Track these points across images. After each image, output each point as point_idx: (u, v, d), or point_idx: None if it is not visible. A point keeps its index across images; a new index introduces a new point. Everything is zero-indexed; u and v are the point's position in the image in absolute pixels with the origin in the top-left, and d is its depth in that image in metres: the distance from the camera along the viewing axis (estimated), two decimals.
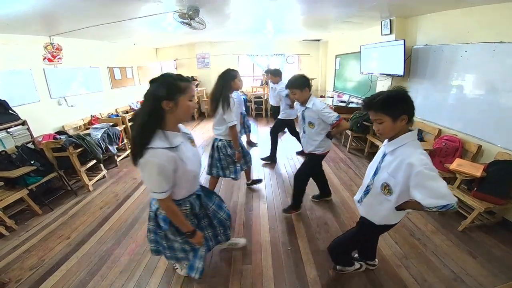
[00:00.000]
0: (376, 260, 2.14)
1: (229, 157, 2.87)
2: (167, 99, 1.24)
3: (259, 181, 3.73)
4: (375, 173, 1.48)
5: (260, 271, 2.16)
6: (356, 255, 2.17)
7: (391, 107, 1.29)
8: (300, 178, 2.82)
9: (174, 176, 1.33)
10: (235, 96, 2.81)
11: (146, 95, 1.27)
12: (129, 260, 2.31)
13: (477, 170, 2.55)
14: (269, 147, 4.52)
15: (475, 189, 2.55)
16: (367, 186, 1.54)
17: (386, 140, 1.45)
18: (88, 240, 2.60)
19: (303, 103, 2.55)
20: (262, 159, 4.54)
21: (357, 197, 1.68)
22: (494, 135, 2.78)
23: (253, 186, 3.60)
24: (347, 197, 3.27)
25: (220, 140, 2.84)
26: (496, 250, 2.33)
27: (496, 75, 2.74)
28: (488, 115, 2.84)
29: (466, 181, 2.71)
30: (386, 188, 1.39)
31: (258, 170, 4.18)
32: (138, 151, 1.24)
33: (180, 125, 1.47)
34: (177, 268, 2.15)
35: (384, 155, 1.44)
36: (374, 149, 4.41)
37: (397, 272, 2.10)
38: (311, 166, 2.84)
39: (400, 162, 1.29)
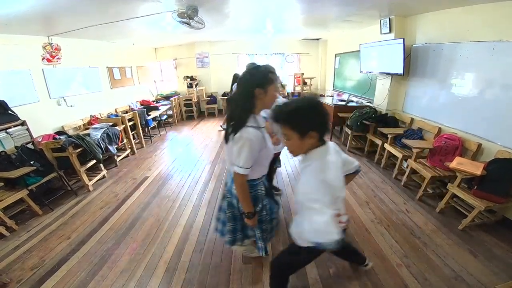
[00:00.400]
0: (369, 263, 2.11)
1: None
2: (259, 86, 1.41)
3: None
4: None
5: (261, 271, 2.16)
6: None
7: (298, 122, 1.15)
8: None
9: (259, 154, 1.50)
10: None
11: (241, 82, 1.49)
12: (129, 260, 2.31)
13: (477, 169, 2.55)
14: None
15: (475, 187, 2.55)
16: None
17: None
18: (89, 240, 2.59)
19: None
20: None
21: None
22: (494, 133, 2.78)
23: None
24: (347, 196, 3.27)
25: None
26: (497, 249, 2.33)
27: (496, 74, 2.74)
28: (488, 114, 2.84)
29: (466, 179, 2.70)
30: None
31: None
32: (235, 128, 1.43)
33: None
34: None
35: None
36: (374, 147, 4.41)
37: (397, 271, 2.10)
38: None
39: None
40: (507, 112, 2.64)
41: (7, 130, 3.39)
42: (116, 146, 4.46)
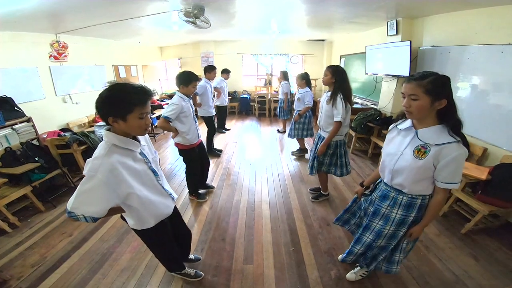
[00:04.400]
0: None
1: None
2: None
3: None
4: None
5: (262, 272, 2.15)
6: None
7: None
8: None
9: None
10: None
11: None
12: (130, 259, 2.31)
13: (482, 173, 2.52)
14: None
15: (480, 192, 2.52)
16: None
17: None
18: (90, 238, 2.61)
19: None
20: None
21: None
22: (500, 138, 2.75)
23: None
24: (350, 197, 3.24)
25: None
26: (499, 253, 2.31)
27: (504, 77, 2.70)
28: (494, 118, 2.81)
29: (470, 183, 2.68)
30: None
31: (262, 170, 4.17)
32: None
33: None
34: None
35: None
36: (378, 150, 4.38)
37: (399, 274, 2.08)
38: None
39: None
40: None
41: (13, 126, 3.42)
42: None
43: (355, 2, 3.38)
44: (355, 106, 5.27)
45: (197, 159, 3.08)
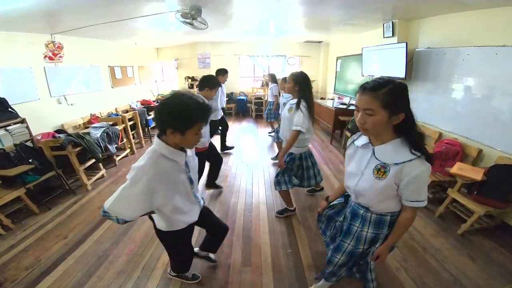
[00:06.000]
0: None
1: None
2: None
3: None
4: None
5: (260, 273, 2.15)
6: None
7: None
8: None
9: None
10: None
11: None
12: (127, 261, 2.29)
13: (477, 174, 2.54)
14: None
15: (475, 192, 2.55)
16: None
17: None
18: (86, 240, 2.57)
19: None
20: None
21: None
22: (495, 139, 2.78)
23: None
24: None
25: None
26: (495, 254, 2.33)
27: (498, 79, 2.74)
28: (489, 119, 2.84)
29: (466, 184, 2.70)
30: None
31: (259, 171, 4.16)
32: None
33: None
34: None
35: None
36: None
37: (396, 275, 2.09)
38: None
39: None
40: (508, 118, 2.63)
41: (7, 128, 3.38)
42: (116, 145, 4.44)
43: (352, 4, 3.39)
44: (351, 107, 5.30)
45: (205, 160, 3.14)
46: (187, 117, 1.17)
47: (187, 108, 1.16)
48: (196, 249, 2.21)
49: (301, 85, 2.44)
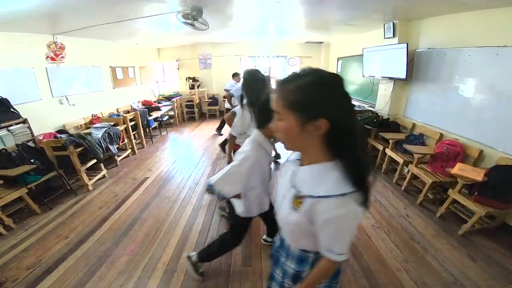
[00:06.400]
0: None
1: None
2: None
3: None
4: None
5: (260, 274, 2.15)
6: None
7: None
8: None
9: None
10: None
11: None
12: (128, 261, 2.30)
13: (478, 175, 2.54)
14: None
15: (476, 193, 2.54)
16: None
17: None
18: (87, 240, 2.58)
19: None
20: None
21: None
22: (496, 140, 2.77)
23: None
24: None
25: None
26: (496, 254, 2.32)
27: (499, 80, 2.73)
28: (490, 120, 2.83)
29: (467, 185, 2.69)
30: None
31: None
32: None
33: None
34: None
35: None
36: (375, 152, 4.39)
37: (397, 276, 2.09)
38: None
39: None
40: (509, 118, 2.63)
41: (9, 128, 3.39)
42: (117, 146, 4.46)
43: (353, 5, 3.39)
44: None
45: None
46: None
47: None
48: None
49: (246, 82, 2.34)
